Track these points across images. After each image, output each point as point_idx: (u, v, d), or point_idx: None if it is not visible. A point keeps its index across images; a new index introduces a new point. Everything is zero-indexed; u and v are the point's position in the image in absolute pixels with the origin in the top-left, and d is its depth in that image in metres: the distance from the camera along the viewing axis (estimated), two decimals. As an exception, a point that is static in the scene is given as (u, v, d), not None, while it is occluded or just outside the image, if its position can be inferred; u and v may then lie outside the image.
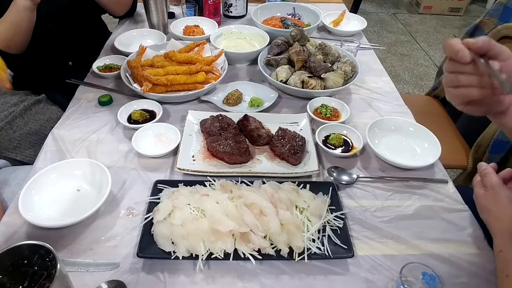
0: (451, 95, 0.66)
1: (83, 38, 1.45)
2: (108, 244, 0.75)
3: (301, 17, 1.62)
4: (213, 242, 0.70)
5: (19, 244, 0.51)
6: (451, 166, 1.39)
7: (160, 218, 0.74)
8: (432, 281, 0.65)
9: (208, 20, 1.53)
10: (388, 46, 3.54)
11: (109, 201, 0.83)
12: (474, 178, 0.84)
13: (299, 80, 1.16)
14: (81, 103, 1.13)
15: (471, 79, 0.62)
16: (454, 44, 0.61)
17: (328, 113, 1.09)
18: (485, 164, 0.83)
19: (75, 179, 0.85)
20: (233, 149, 0.90)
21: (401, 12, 4.26)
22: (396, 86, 1.28)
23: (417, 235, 0.79)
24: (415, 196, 0.88)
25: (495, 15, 1.38)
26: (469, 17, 4.11)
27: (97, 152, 0.96)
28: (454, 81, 0.64)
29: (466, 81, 0.63)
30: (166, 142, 0.97)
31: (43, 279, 0.49)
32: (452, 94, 0.66)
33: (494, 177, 0.77)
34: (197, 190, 0.81)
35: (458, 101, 0.65)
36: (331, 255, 0.71)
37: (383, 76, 1.33)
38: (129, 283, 0.68)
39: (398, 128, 1.04)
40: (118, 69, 1.21)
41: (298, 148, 0.92)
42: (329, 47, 1.26)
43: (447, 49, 0.63)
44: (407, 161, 0.94)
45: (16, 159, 1.20)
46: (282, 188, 0.82)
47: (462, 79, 0.63)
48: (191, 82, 1.13)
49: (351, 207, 0.85)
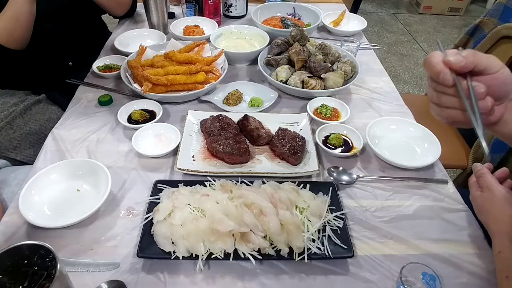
0: (435, 113, 0.62)
1: (83, 38, 1.45)
2: (108, 244, 0.75)
3: (301, 17, 1.62)
4: (213, 242, 0.70)
5: (19, 244, 0.51)
6: (451, 166, 1.39)
7: (160, 218, 0.73)
8: (432, 281, 0.65)
9: (208, 20, 1.53)
10: (388, 46, 3.55)
11: (109, 201, 0.83)
12: (469, 179, 0.84)
13: (299, 80, 1.16)
14: (81, 103, 1.13)
15: (453, 102, 0.57)
16: (434, 64, 0.56)
17: (328, 113, 1.09)
18: (479, 165, 0.83)
19: (75, 179, 0.85)
20: (233, 149, 0.90)
21: (401, 12, 4.26)
22: (396, 86, 1.28)
23: (417, 235, 0.79)
24: (415, 196, 0.88)
25: (495, 15, 1.38)
26: (469, 17, 4.12)
27: (97, 152, 0.96)
28: (436, 100, 0.60)
29: (449, 103, 0.58)
30: (166, 142, 0.97)
31: (43, 279, 0.49)
32: (436, 112, 0.61)
33: (489, 178, 0.77)
34: (197, 190, 0.81)
35: (443, 120, 0.61)
36: (331, 255, 0.71)
37: (383, 76, 1.33)
38: (129, 283, 0.68)
39: (398, 128, 1.04)
40: (118, 69, 1.21)
41: (298, 148, 0.92)
42: (329, 47, 1.26)
43: (427, 68, 0.58)
44: (407, 161, 0.94)
45: (16, 159, 1.20)
46: (282, 188, 0.82)
47: (444, 100, 0.58)
48: (191, 82, 1.13)
49: (351, 207, 0.85)
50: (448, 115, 0.59)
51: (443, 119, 0.60)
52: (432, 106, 0.62)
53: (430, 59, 0.57)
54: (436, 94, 0.59)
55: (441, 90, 0.58)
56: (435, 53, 0.57)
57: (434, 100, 0.60)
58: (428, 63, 0.57)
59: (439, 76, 0.55)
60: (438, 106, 0.60)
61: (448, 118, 0.59)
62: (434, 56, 0.57)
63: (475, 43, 1.43)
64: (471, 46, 1.45)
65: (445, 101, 0.58)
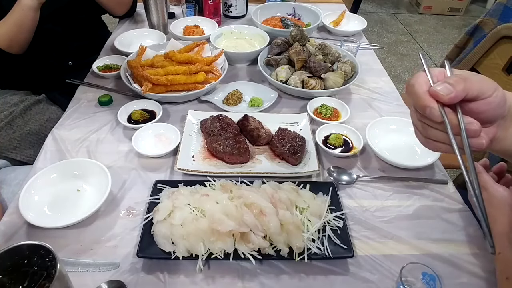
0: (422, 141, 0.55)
1: (83, 38, 1.45)
2: (108, 244, 0.75)
3: (301, 17, 1.62)
4: (213, 242, 0.70)
5: (19, 244, 0.51)
6: (451, 166, 1.38)
7: (160, 218, 0.73)
8: (432, 281, 0.64)
9: (208, 20, 1.53)
10: (388, 46, 3.55)
11: (109, 201, 0.83)
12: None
13: (299, 80, 1.16)
14: (81, 103, 1.13)
15: (442, 136, 0.51)
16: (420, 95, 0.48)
17: (328, 113, 1.09)
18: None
19: (75, 179, 0.85)
20: (233, 149, 0.90)
21: (401, 12, 4.26)
22: (396, 86, 1.28)
23: (417, 235, 0.79)
24: (415, 196, 0.88)
25: (495, 15, 1.38)
26: (469, 17, 4.12)
27: (97, 152, 0.96)
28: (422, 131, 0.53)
29: (436, 137, 0.52)
30: (166, 142, 0.97)
31: (43, 279, 0.49)
32: (422, 141, 0.55)
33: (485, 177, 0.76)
34: (197, 190, 0.81)
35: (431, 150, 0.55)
36: (331, 255, 0.71)
37: (383, 76, 1.33)
38: (129, 283, 0.68)
39: (398, 128, 1.04)
40: (118, 69, 1.21)
41: (298, 148, 0.92)
42: (329, 47, 1.26)
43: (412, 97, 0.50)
44: (407, 161, 0.94)
45: (16, 159, 1.20)
46: (282, 188, 0.82)
47: (431, 134, 0.52)
48: (191, 82, 1.13)
49: (351, 207, 0.85)
50: (436, 148, 0.53)
51: (430, 149, 0.55)
52: (418, 135, 0.55)
53: (414, 87, 0.50)
54: (422, 124, 0.53)
55: (427, 123, 0.52)
56: (419, 78, 0.50)
57: (420, 130, 0.54)
58: (413, 92, 0.50)
59: (425, 111, 0.49)
60: (424, 137, 0.54)
61: (436, 150, 0.54)
62: (419, 84, 0.49)
63: (475, 43, 1.43)
64: (471, 46, 1.45)
65: (433, 134, 0.52)
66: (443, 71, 0.52)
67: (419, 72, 0.51)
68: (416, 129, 0.55)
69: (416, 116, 0.53)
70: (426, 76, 0.50)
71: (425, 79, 0.50)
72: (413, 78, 0.50)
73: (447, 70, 0.52)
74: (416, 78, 0.50)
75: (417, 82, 0.50)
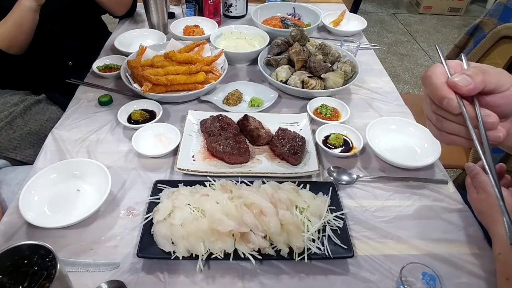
0: (434, 134, 0.54)
1: (83, 38, 1.45)
2: (108, 244, 0.75)
3: (301, 17, 1.62)
4: (213, 242, 0.70)
5: (19, 244, 0.51)
6: (451, 166, 1.39)
7: (160, 218, 0.73)
8: (432, 281, 0.64)
9: (208, 20, 1.53)
10: (388, 46, 3.55)
11: (109, 201, 0.83)
12: (465, 179, 0.83)
13: (299, 80, 1.16)
14: (81, 103, 1.13)
15: (457, 129, 0.50)
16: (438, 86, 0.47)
17: (328, 113, 1.09)
18: (472, 165, 0.81)
19: (75, 179, 0.85)
20: (233, 149, 0.90)
21: (401, 12, 4.26)
22: (396, 86, 1.28)
23: (417, 235, 0.79)
24: (415, 196, 0.88)
25: (495, 15, 1.38)
26: (469, 17, 4.12)
27: (97, 152, 0.96)
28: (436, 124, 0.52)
29: (452, 130, 0.51)
30: (166, 142, 0.97)
31: (43, 279, 0.49)
32: (435, 134, 0.54)
33: (483, 178, 0.76)
34: (197, 190, 0.81)
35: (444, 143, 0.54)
36: (331, 255, 0.71)
37: (383, 76, 1.33)
38: (129, 283, 0.68)
39: (398, 128, 1.04)
40: (118, 69, 1.21)
41: (298, 148, 0.92)
42: (329, 47, 1.26)
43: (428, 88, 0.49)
44: (407, 161, 0.94)
45: (16, 159, 1.20)
46: (282, 188, 0.82)
47: (446, 126, 0.51)
48: (191, 82, 1.13)
49: (351, 207, 0.85)
50: (450, 140, 0.52)
51: (443, 142, 0.54)
52: (431, 128, 0.54)
53: (431, 78, 0.48)
54: (436, 117, 0.52)
55: (442, 115, 0.51)
56: (437, 69, 0.49)
57: (434, 122, 0.53)
58: (430, 83, 0.48)
59: (442, 102, 0.48)
60: (438, 130, 0.53)
61: (449, 143, 0.53)
62: (436, 75, 0.48)
63: (475, 43, 1.43)
64: (471, 46, 1.45)
65: (448, 127, 0.51)
66: (460, 63, 0.51)
67: (436, 64, 0.50)
68: (430, 121, 0.54)
69: (431, 108, 0.52)
70: (443, 67, 0.49)
71: (443, 70, 0.49)
72: (430, 69, 0.49)
73: (464, 62, 0.51)
74: (434, 69, 0.49)
75: (434, 73, 0.49)
